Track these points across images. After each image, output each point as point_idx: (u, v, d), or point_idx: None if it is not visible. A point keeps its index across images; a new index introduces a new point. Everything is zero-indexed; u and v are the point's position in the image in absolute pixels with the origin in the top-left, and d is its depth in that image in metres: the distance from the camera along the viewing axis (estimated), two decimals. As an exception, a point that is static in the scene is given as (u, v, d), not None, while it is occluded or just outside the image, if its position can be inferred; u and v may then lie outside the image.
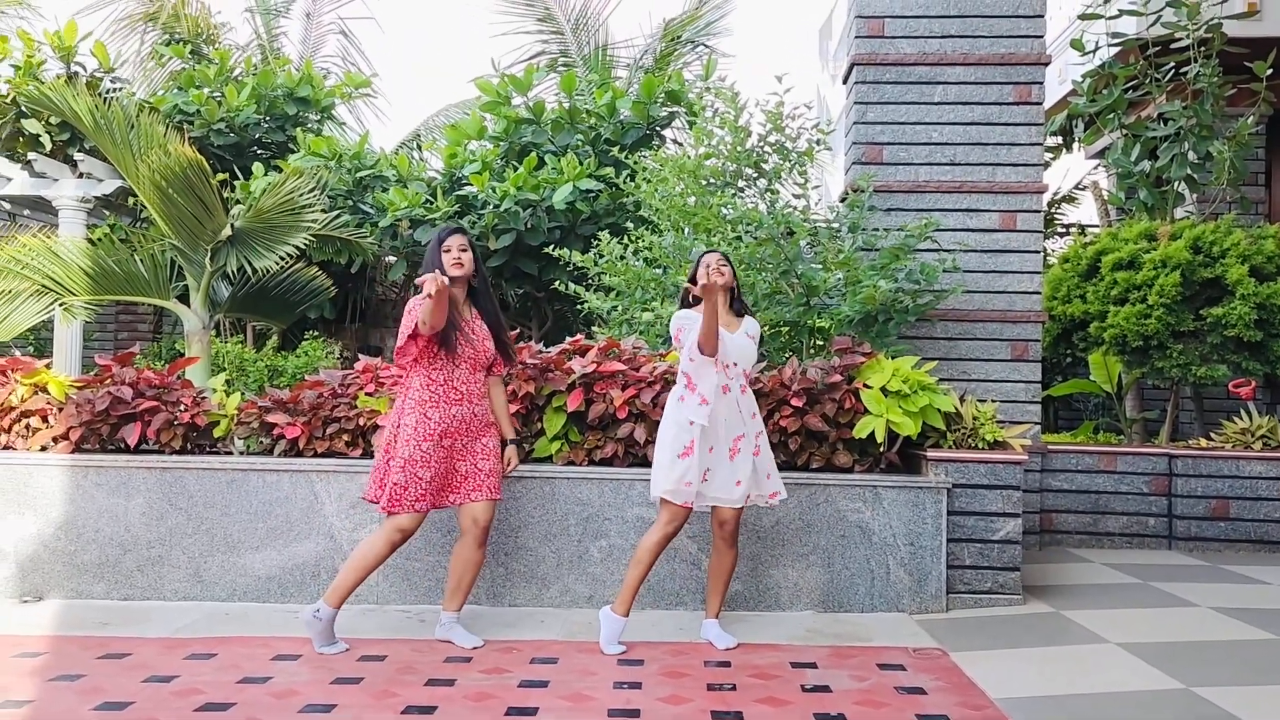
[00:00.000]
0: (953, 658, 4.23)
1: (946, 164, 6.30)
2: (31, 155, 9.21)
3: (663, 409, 4.49)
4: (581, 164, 8.17)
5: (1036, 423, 6.23)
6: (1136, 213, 8.18)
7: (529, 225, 8.22)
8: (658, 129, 9.00)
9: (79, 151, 9.13)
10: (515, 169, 8.30)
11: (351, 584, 4.25)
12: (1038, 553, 6.29)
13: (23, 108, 9.10)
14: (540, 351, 5.27)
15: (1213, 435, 6.99)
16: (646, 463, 5.09)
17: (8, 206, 10.39)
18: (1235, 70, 7.94)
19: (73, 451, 5.20)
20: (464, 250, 4.33)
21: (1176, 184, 7.94)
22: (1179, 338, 7.04)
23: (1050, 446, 6.71)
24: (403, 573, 4.97)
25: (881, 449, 5.10)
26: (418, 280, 4.03)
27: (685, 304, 4.44)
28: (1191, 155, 7.78)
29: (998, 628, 4.67)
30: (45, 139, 9.18)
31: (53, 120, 9.03)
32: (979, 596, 5.02)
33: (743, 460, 4.26)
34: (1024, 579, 5.23)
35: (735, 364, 4.28)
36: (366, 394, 5.22)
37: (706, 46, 11.90)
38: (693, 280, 4.33)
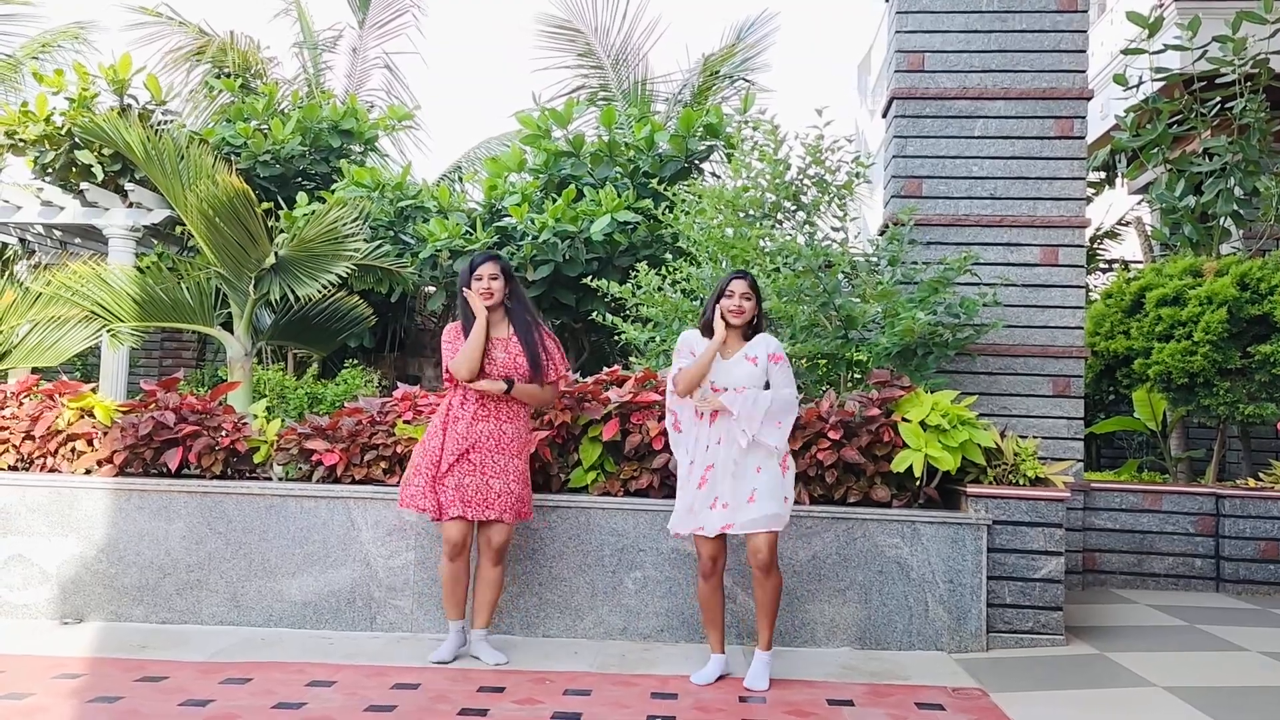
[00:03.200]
0: (993, 698, 4.14)
1: (987, 198, 6.27)
2: (83, 185, 9.45)
3: None
4: (620, 196, 8.23)
5: (1079, 460, 6.13)
6: (1181, 248, 8.07)
7: (567, 256, 8.27)
8: (696, 162, 9.05)
9: (129, 181, 9.35)
10: (554, 201, 8.37)
11: (449, 602, 4.55)
12: (1080, 592, 6.16)
13: (76, 139, 9.36)
14: (576, 382, 5.29)
15: (1261, 475, 6.83)
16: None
17: (59, 235, 10.64)
18: (1282, 105, 7.86)
19: (116, 475, 5.28)
20: (494, 278, 4.44)
21: (1222, 220, 7.84)
22: (1226, 375, 6.92)
23: (1093, 484, 6.60)
24: (436, 600, 4.96)
25: (920, 484, 5.04)
26: (463, 291, 4.43)
27: (710, 320, 4.32)
28: (1238, 191, 7.68)
29: (1040, 669, 4.57)
30: (97, 169, 9.42)
31: (105, 151, 9.27)
32: (1020, 636, 4.92)
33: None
34: (1066, 619, 5.12)
35: (725, 388, 4.24)
36: (405, 422, 5.25)
37: (745, 81, 11.98)
38: (716, 298, 4.31)
